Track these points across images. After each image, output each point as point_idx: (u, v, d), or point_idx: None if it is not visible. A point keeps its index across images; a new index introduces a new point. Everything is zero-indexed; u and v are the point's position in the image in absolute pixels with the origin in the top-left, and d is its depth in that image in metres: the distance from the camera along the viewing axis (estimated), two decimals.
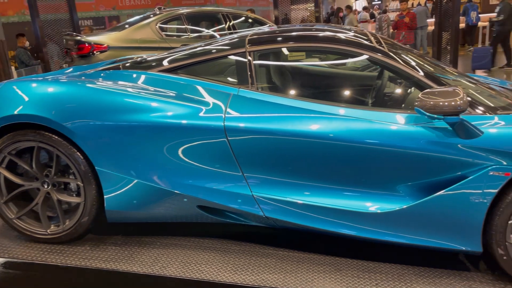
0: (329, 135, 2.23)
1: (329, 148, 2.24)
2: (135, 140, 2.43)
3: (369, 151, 2.20)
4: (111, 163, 2.46)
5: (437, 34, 7.80)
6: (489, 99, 2.41)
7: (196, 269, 2.38)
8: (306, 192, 2.35)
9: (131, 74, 2.74)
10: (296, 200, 2.34)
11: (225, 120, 2.33)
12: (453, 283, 2.23)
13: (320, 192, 2.34)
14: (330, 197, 2.32)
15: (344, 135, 2.22)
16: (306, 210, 2.34)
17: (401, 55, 2.50)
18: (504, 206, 2.07)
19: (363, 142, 2.20)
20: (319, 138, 2.25)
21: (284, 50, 2.91)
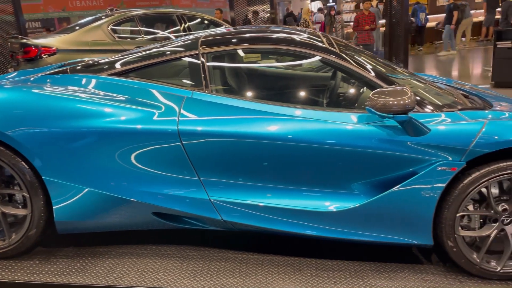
0: (284, 136, 2.24)
1: (285, 149, 2.25)
2: (85, 147, 2.33)
3: (324, 151, 2.23)
4: (60, 172, 2.34)
5: (388, 35, 8.08)
6: (436, 98, 2.51)
7: (153, 277, 2.32)
8: (264, 194, 2.35)
9: (80, 79, 2.63)
10: (254, 202, 2.33)
11: (179, 124, 2.28)
12: (407, 276, 2.30)
13: (278, 193, 2.34)
14: (287, 198, 2.33)
15: (299, 136, 2.23)
16: (264, 212, 2.33)
17: (352, 56, 2.55)
18: (452, 200, 2.15)
19: (318, 143, 2.22)
20: (275, 139, 2.25)
21: (239, 52, 2.90)
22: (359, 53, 2.82)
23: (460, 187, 2.14)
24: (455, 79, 3.68)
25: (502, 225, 2.19)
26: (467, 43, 13.43)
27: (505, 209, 2.18)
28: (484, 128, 2.11)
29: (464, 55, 11.73)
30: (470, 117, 2.23)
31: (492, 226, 2.20)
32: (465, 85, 3.34)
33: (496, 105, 2.55)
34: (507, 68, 7.28)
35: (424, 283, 2.23)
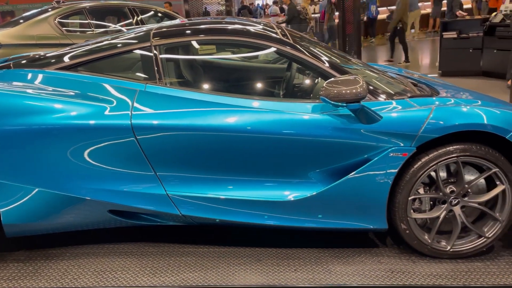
0: (241, 128, 2.23)
1: (242, 140, 2.24)
2: (33, 146, 2.22)
3: (281, 141, 2.24)
4: (5, 173, 2.22)
5: (341, 27, 8.25)
6: (387, 86, 2.59)
7: (111, 276, 2.26)
8: (222, 186, 2.33)
9: (26, 74, 2.49)
10: (213, 195, 2.31)
11: (132, 118, 2.22)
12: (364, 260, 2.37)
13: (236, 185, 2.34)
14: (246, 189, 2.33)
15: (256, 128, 2.23)
16: (223, 205, 2.32)
17: (307, 47, 2.57)
18: (404, 184, 2.24)
19: (274, 133, 2.23)
20: (231, 131, 2.24)
21: (193, 44, 2.85)
22: (314, 44, 2.85)
23: (411, 171, 2.22)
24: (405, 69, 3.81)
25: (450, 206, 2.30)
26: (416, 34, 13.96)
27: (453, 191, 2.29)
28: (431, 114, 2.20)
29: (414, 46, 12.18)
30: (418, 104, 2.32)
31: (441, 207, 2.31)
32: (414, 74, 3.47)
33: (443, 93, 2.66)
34: (453, 58, 7.63)
35: (380, 265, 2.31)
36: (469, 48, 7.48)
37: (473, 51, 7.45)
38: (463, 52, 7.54)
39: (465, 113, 2.25)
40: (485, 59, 7.34)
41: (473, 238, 2.35)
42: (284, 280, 2.21)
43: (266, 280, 2.21)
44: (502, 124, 2.19)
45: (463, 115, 2.23)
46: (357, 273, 2.25)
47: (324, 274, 2.25)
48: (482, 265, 2.29)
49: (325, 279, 2.21)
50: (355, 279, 2.20)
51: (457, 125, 2.17)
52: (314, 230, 2.40)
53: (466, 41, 7.51)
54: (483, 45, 7.30)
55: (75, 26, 6.20)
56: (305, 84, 2.96)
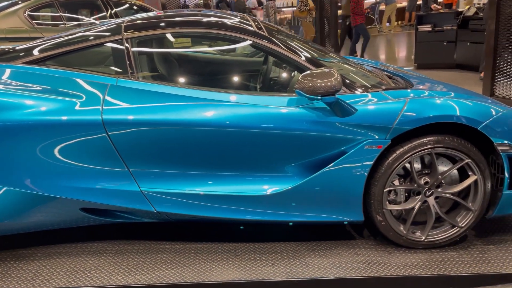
0: (215, 122, 2.20)
1: (216, 135, 2.21)
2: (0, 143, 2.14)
3: (257, 135, 2.22)
4: None
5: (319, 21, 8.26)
6: (362, 79, 2.59)
7: (84, 276, 2.20)
8: (198, 181, 2.30)
9: None
10: (188, 191, 2.28)
11: (103, 113, 2.16)
12: (341, 252, 2.38)
13: (212, 180, 2.31)
14: (222, 185, 2.31)
15: (231, 121, 2.20)
16: (199, 200, 2.29)
17: (282, 40, 2.55)
18: (379, 176, 2.25)
19: (250, 127, 2.21)
20: (206, 126, 2.20)
21: (167, 37, 2.79)
22: (289, 38, 2.83)
23: (386, 163, 2.24)
24: (381, 62, 3.84)
25: (424, 197, 2.33)
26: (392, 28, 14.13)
27: (427, 182, 2.31)
28: (405, 106, 2.21)
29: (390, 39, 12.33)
30: (393, 97, 2.33)
31: (416, 198, 2.34)
32: (390, 67, 3.49)
33: (417, 85, 2.69)
34: (428, 51, 7.76)
35: (357, 257, 2.33)
36: (443, 41, 7.61)
37: (447, 44, 7.58)
38: (437, 45, 7.67)
39: (438, 105, 2.27)
40: (458, 52, 7.49)
41: (447, 228, 2.39)
42: (261, 274, 2.20)
43: (243, 275, 2.20)
44: (474, 116, 2.22)
45: (437, 107, 2.25)
46: (334, 265, 2.26)
47: (302, 268, 2.25)
48: (455, 254, 2.33)
49: (303, 272, 2.21)
50: (332, 272, 2.21)
51: (431, 117, 2.19)
52: (293, 223, 2.39)
53: (440, 34, 7.63)
54: (456, 38, 7.44)
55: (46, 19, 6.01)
56: (281, 78, 2.94)
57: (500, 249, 2.36)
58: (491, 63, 4.90)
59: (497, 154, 2.25)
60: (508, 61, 4.73)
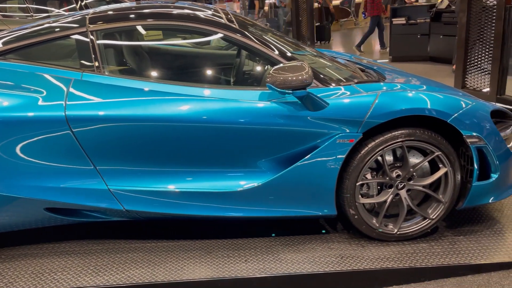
0: (185, 117, 2.15)
1: (187, 130, 2.16)
2: None
3: (228, 130, 2.18)
4: None
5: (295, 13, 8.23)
6: (334, 72, 2.57)
7: (50, 278, 2.12)
8: (168, 179, 2.24)
9: None
10: (158, 188, 2.22)
11: (66, 109, 2.07)
12: (315, 247, 2.37)
13: (182, 177, 2.25)
14: (193, 181, 2.26)
15: (201, 116, 2.15)
16: (169, 198, 2.24)
17: (254, 33, 2.50)
18: (352, 170, 2.24)
19: (220, 122, 2.16)
20: (175, 121, 2.14)
21: (137, 29, 2.70)
22: (262, 30, 2.79)
23: (358, 157, 2.23)
24: (355, 55, 3.84)
25: (396, 190, 2.34)
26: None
27: (399, 175, 2.32)
28: (377, 100, 2.21)
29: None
30: (365, 90, 2.32)
31: (388, 191, 2.34)
32: (364, 60, 3.49)
33: (390, 78, 2.69)
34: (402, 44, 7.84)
35: (330, 252, 2.32)
36: (417, 34, 7.70)
37: (421, 37, 7.68)
38: (411, 38, 7.76)
39: (409, 98, 2.28)
40: (432, 45, 7.60)
41: (419, 220, 2.41)
42: (234, 271, 2.17)
43: (216, 273, 2.16)
44: (445, 109, 2.23)
45: (408, 100, 2.25)
46: (307, 260, 2.25)
47: (275, 263, 2.23)
48: (427, 246, 2.36)
49: (276, 268, 2.19)
50: (306, 267, 2.20)
51: (402, 110, 2.19)
52: (265, 219, 2.37)
53: (414, 27, 7.72)
54: (430, 31, 7.54)
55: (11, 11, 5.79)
56: (255, 71, 2.89)
57: (470, 239, 2.39)
58: (463, 56, 4.97)
59: (467, 146, 2.27)
60: (479, 54, 4.81)
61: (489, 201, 2.42)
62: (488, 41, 4.62)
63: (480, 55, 4.80)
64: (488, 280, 2.14)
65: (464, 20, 4.83)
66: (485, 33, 4.66)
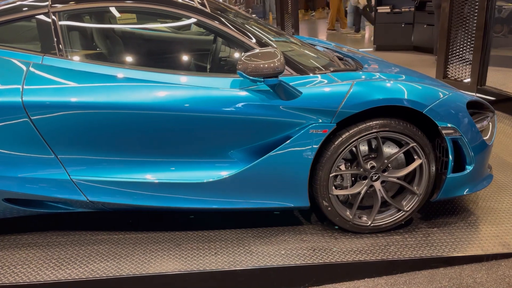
0: (149, 104, 2.05)
1: (153, 118, 2.06)
2: None
3: (196, 119, 2.09)
4: None
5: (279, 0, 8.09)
6: (310, 60, 2.50)
7: (9, 271, 2.03)
8: (135, 169, 2.15)
9: None
10: (123, 178, 2.13)
11: (23, 95, 1.96)
12: (287, 239, 2.32)
13: (148, 167, 2.17)
14: (160, 171, 2.17)
15: (168, 104, 2.06)
16: (135, 188, 2.15)
17: (228, 19, 2.40)
18: (325, 161, 2.18)
19: (188, 110, 2.07)
20: (140, 109, 2.05)
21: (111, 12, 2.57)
22: (239, 17, 2.69)
23: (331, 148, 2.17)
24: (336, 43, 3.76)
25: (371, 182, 2.29)
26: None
27: (373, 166, 2.27)
28: (351, 89, 2.14)
29: None
30: (341, 79, 2.25)
31: (362, 183, 2.29)
32: (344, 48, 3.42)
33: (368, 67, 2.62)
34: (387, 33, 7.79)
35: (302, 244, 2.27)
36: (401, 23, 7.65)
37: (405, 26, 7.63)
38: (395, 27, 7.71)
39: (385, 88, 2.21)
40: (416, 34, 7.56)
41: (393, 212, 2.37)
42: (203, 264, 2.11)
43: (184, 266, 2.10)
44: (420, 100, 2.18)
45: (384, 90, 2.19)
46: (279, 253, 2.20)
47: (245, 256, 2.17)
48: (400, 238, 2.33)
49: (246, 261, 2.14)
50: (277, 260, 2.14)
51: (377, 100, 2.13)
52: (236, 210, 2.31)
53: (398, 16, 7.67)
54: (414, 20, 7.49)
55: None
56: (231, 58, 2.79)
57: (444, 232, 2.37)
58: (445, 46, 4.94)
59: (442, 138, 2.23)
60: (461, 44, 4.78)
61: (464, 193, 2.39)
62: (471, 31, 4.59)
63: (462, 46, 4.77)
64: (460, 273, 2.12)
65: (447, 10, 4.78)
66: (468, 23, 4.62)
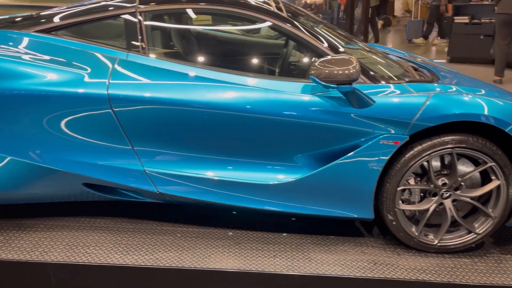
0: (226, 105, 2.11)
1: (225, 118, 2.12)
2: (6, 111, 2.11)
3: (267, 121, 2.12)
4: None
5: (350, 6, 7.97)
6: (384, 69, 2.44)
7: (83, 252, 2.18)
8: (203, 165, 2.23)
9: (2, 35, 2.35)
10: (192, 174, 2.21)
11: (109, 88, 2.10)
12: (347, 249, 2.28)
13: (218, 165, 2.23)
14: (227, 170, 2.23)
15: (240, 105, 2.11)
16: (203, 185, 2.22)
17: (303, 23, 2.42)
18: (394, 173, 2.12)
19: (259, 113, 2.11)
20: (216, 108, 2.12)
21: (187, 13, 2.69)
22: (313, 22, 2.69)
23: (402, 160, 2.10)
24: (409, 53, 3.64)
25: (441, 199, 2.19)
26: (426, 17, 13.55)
27: (445, 183, 2.17)
28: (428, 101, 2.06)
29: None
30: (416, 90, 2.18)
31: (432, 200, 2.20)
32: (418, 58, 3.30)
33: (445, 79, 2.51)
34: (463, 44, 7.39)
35: (363, 256, 2.22)
36: (480, 35, 7.23)
37: (484, 38, 7.20)
38: (473, 39, 7.30)
39: (464, 103, 2.11)
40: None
41: (463, 233, 2.24)
42: (261, 265, 2.13)
43: (243, 264, 2.13)
44: (503, 117, 2.06)
45: (462, 105, 2.09)
46: (338, 262, 2.16)
47: (304, 262, 2.16)
48: (469, 261, 2.20)
49: (304, 266, 2.13)
50: (336, 269, 2.11)
51: (455, 114, 2.04)
52: (297, 215, 2.30)
53: (477, 27, 7.26)
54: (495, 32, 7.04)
55: None
56: (301, 63, 2.81)
57: None
58: None
59: None
60: None
61: None
62: None
63: None
64: None
65: None
66: None
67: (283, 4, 2.70)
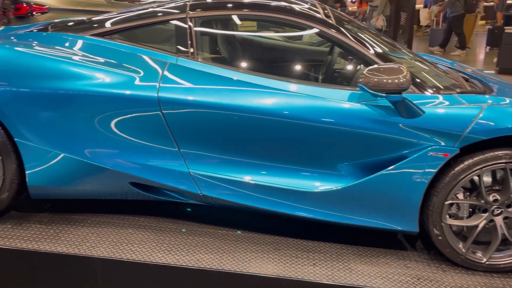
0: (271, 111, 2.13)
1: (271, 124, 2.14)
2: (62, 110, 2.22)
3: (312, 128, 2.12)
4: (34, 135, 2.23)
5: (394, 14, 7.83)
6: (434, 79, 2.38)
7: (127, 249, 2.24)
8: (246, 170, 2.25)
9: (60, 37, 2.48)
10: (236, 178, 2.23)
11: (159, 91, 2.16)
12: (389, 262, 2.23)
13: (261, 170, 2.24)
14: (271, 176, 2.23)
15: (286, 112, 2.12)
16: (246, 189, 2.24)
17: (351, 31, 2.40)
18: (441, 187, 2.06)
19: (305, 119, 2.11)
20: (261, 114, 2.13)
21: (233, 19, 2.73)
22: (359, 29, 2.67)
23: (451, 174, 2.04)
24: (458, 63, 3.53)
25: (491, 216, 2.10)
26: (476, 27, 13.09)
27: (496, 199, 2.08)
28: (481, 113, 2.00)
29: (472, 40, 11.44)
30: (468, 102, 2.11)
31: (481, 216, 2.11)
32: (467, 69, 3.20)
33: (498, 91, 2.42)
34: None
35: (406, 270, 2.16)
36: None
37: None
38: None
39: None
40: None
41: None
42: (301, 273, 2.11)
43: (283, 271, 2.12)
44: None
45: None
46: (379, 275, 2.12)
47: (344, 272, 2.13)
48: None
49: (345, 277, 2.09)
50: (377, 281, 2.07)
51: (510, 128, 1.96)
52: (339, 225, 2.27)
53: None
54: None
55: None
56: (346, 70, 2.79)
57: None
58: None
59: None
60: None
61: None
62: None
63: None
64: None
65: None
66: None
67: (330, 10, 2.69)
